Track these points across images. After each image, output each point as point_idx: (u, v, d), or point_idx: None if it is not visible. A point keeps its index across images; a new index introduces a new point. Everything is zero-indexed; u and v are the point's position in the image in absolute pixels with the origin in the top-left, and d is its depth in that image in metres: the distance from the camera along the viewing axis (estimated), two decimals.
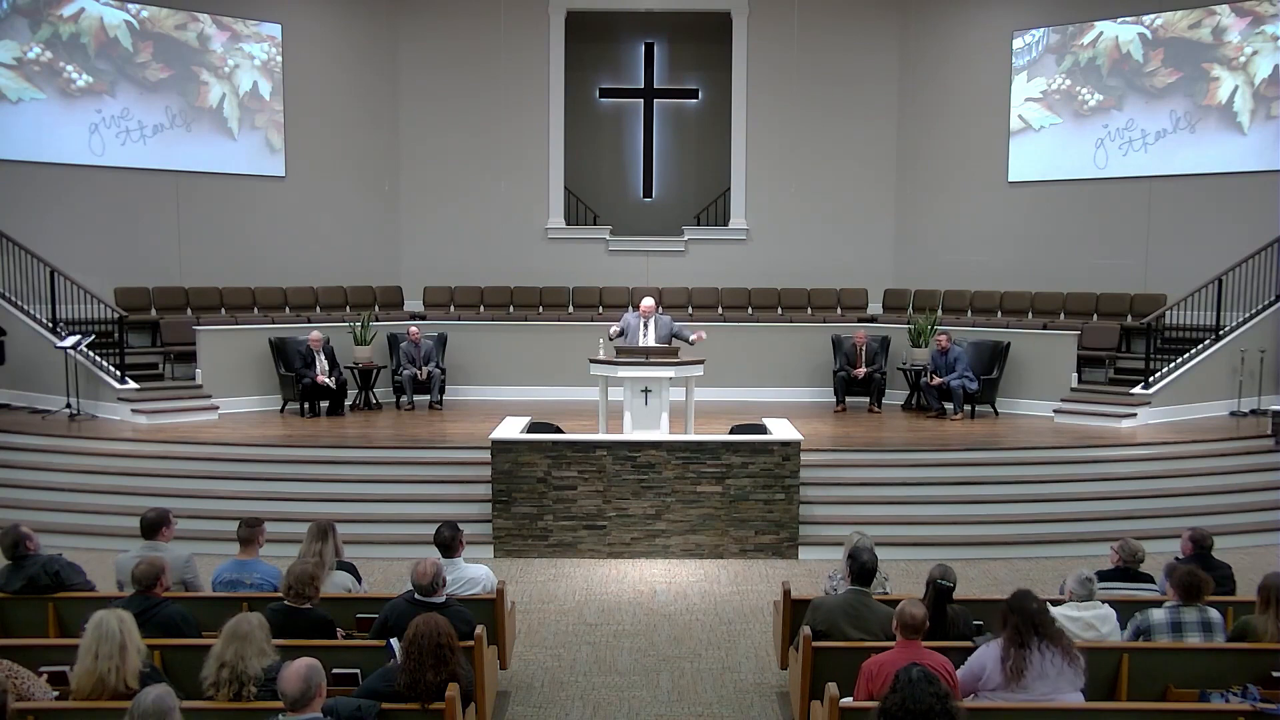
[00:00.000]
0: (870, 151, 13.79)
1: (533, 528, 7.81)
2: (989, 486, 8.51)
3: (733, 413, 10.42)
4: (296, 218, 12.97)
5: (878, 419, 11.07)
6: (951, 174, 13.35)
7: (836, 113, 13.75)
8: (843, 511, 8.15)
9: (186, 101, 12.39)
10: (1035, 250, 12.69)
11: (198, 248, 12.36)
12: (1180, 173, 11.93)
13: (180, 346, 11.13)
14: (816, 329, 12.56)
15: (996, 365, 11.19)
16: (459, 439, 9.38)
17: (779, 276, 13.69)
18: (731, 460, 7.81)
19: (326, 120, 13.25)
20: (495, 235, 13.80)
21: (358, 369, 11.44)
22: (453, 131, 13.75)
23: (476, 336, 12.55)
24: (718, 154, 14.49)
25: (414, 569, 4.48)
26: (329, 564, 5.01)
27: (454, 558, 5.13)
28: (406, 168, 13.81)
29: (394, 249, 13.76)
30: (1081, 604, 4.52)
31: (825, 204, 13.80)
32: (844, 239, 13.81)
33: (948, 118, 13.39)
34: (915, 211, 13.67)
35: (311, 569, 4.47)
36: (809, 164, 13.79)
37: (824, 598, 4.82)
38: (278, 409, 11.19)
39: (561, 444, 7.90)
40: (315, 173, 13.13)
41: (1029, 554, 7.83)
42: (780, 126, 13.79)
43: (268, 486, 8.35)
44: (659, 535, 7.82)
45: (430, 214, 13.84)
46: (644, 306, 9.06)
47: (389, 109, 13.69)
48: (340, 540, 5.21)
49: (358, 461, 8.77)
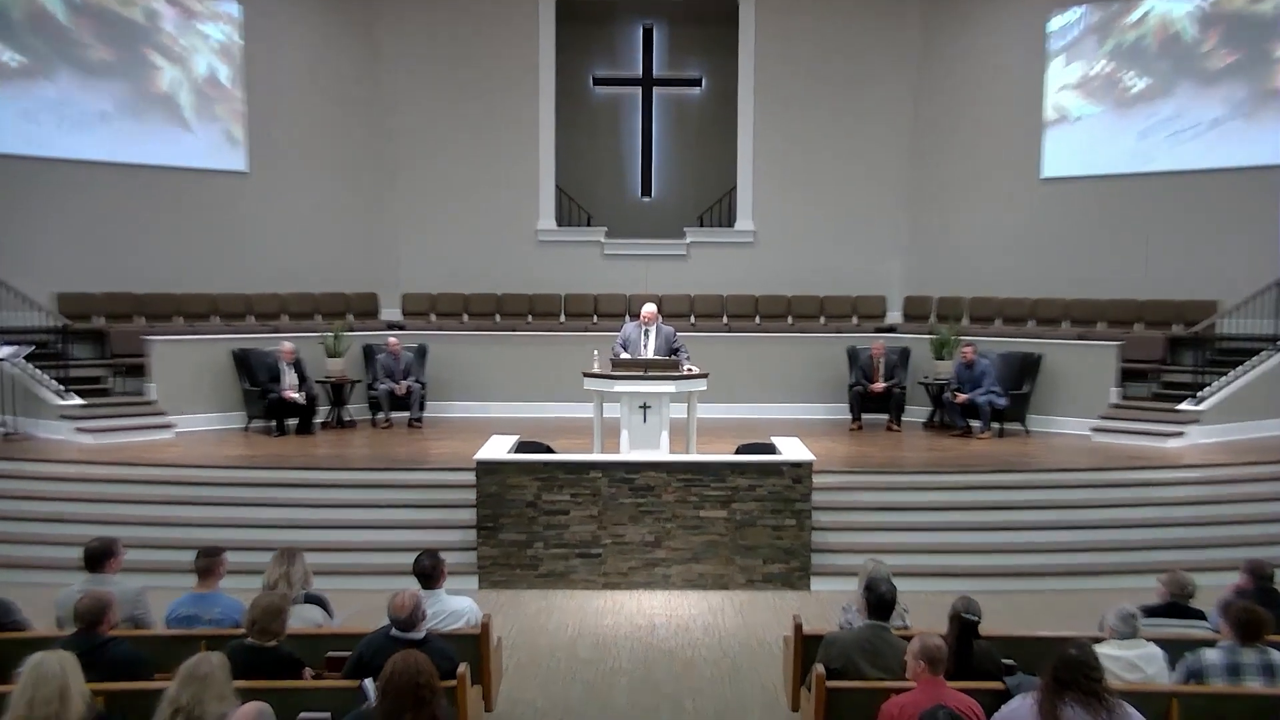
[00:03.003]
0: (890, 145, 13.81)
1: (521, 556, 7.79)
2: (1019, 512, 8.48)
3: (739, 431, 10.41)
4: (261, 217, 12.85)
5: (897, 438, 11.05)
6: (980, 170, 13.34)
7: (853, 103, 13.78)
8: (859, 539, 8.13)
9: (135, 88, 12.03)
10: (1071, 253, 12.59)
11: (150, 250, 12.05)
12: (1236, 165, 11.70)
13: (130, 358, 11.02)
14: (830, 340, 12.57)
15: (1027, 379, 11.18)
16: (441, 459, 9.37)
17: (789, 283, 13.70)
18: (738, 483, 7.80)
19: (293, 111, 13.12)
20: (480, 237, 13.79)
21: (330, 383, 11.43)
22: (434, 123, 13.77)
23: (460, 348, 12.53)
24: (723, 149, 14.49)
25: (391, 601, 4.46)
26: (296, 596, 4.99)
27: (435, 589, 5.12)
28: (383, 163, 13.79)
29: (370, 252, 13.71)
30: (1124, 642, 4.47)
31: (840, 203, 13.82)
32: (860, 241, 13.81)
33: (975, 107, 13.38)
34: (939, 211, 13.66)
35: (278, 602, 4.45)
36: (823, 159, 13.81)
37: (838, 632, 4.81)
38: (240, 427, 11.16)
39: (553, 465, 7.89)
40: (281, 168, 13.02)
41: (1063, 586, 7.79)
42: (791, 118, 13.82)
43: (229, 512, 8.30)
44: (659, 564, 7.80)
45: (409, 214, 13.83)
46: (645, 313, 9.06)
47: (363, 98, 13.66)
48: (308, 569, 5.18)
49: (329, 484, 8.72)
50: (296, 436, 10.72)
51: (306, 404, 10.82)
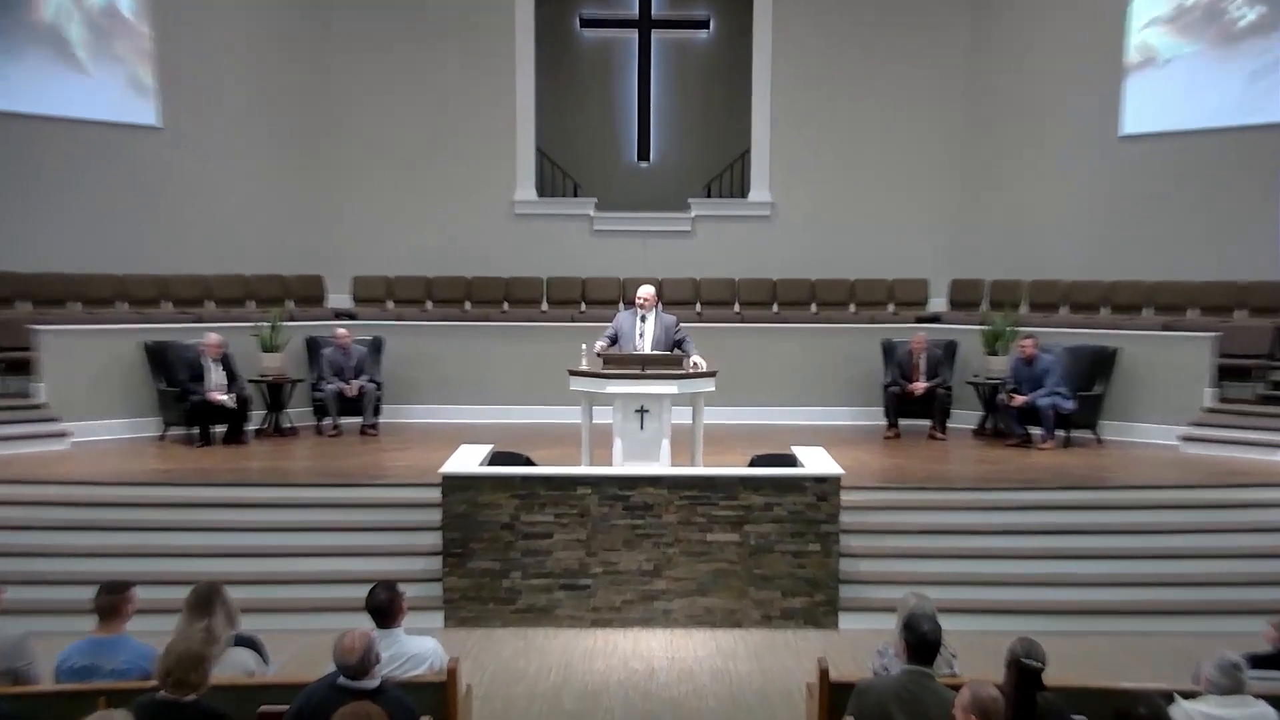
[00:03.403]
0: (937, 97, 13.82)
1: (495, 588, 7.80)
2: (1091, 537, 8.46)
3: (753, 439, 10.41)
4: (178, 183, 12.77)
5: (941, 448, 11.08)
6: (1043, 127, 13.28)
7: (892, 48, 13.80)
8: (896, 567, 8.14)
9: (11, 18, 11.72)
10: (1156, 226, 12.45)
11: (37, 220, 11.91)
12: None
13: (13, 352, 10.93)
14: (861, 332, 12.58)
15: (1100, 378, 11.18)
16: (399, 473, 9.38)
17: (813, 264, 13.71)
18: (752, 500, 7.81)
19: (216, 51, 12.98)
20: (447, 210, 13.82)
21: (265, 383, 11.42)
22: (390, 72, 13.77)
23: (422, 341, 12.55)
24: (735, 105, 14.51)
25: (338, 643, 4.41)
26: (222, 639, 4.95)
27: (392, 628, 5.09)
28: (329, 119, 13.78)
29: (314, 227, 13.69)
30: (1226, 698, 4.42)
31: (875, 168, 13.84)
32: (899, 214, 13.82)
33: (1039, 52, 13.32)
34: (993, 178, 13.66)
35: (198, 647, 4.39)
36: (854, 117, 13.83)
37: (873, 680, 4.80)
38: (155, 436, 11.11)
39: (533, 480, 7.90)
40: (202, 123, 12.91)
41: (1147, 627, 7.76)
42: (817, 67, 13.84)
43: (138, 539, 8.24)
44: (658, 597, 7.81)
45: (362, 182, 13.83)
46: (641, 297, 9.05)
47: (305, 37, 13.61)
48: (235, 607, 5.14)
49: (264, 504, 8.67)
50: (224, 447, 10.68)
51: (236, 408, 10.78)
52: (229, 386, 10.80)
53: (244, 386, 10.99)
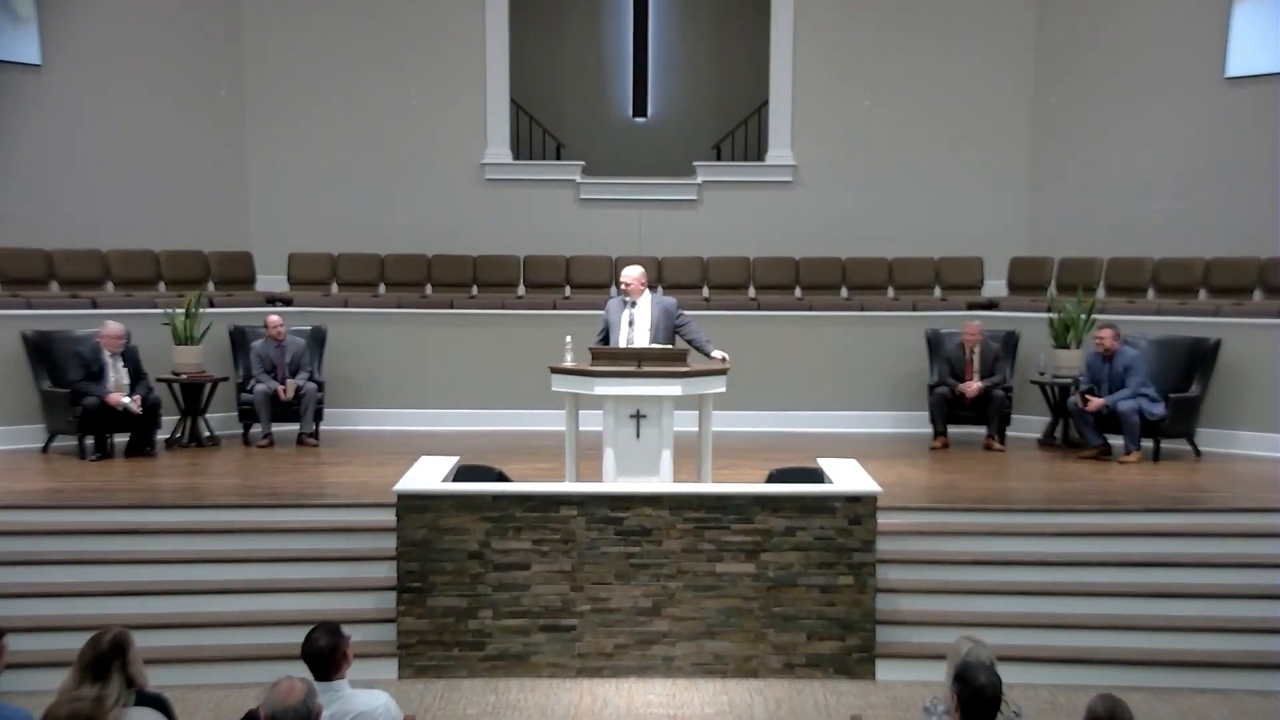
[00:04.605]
0: (997, 35, 13.79)
1: (461, 630, 7.79)
2: (1185, 571, 8.40)
3: (772, 450, 10.46)
4: (66, 136, 12.69)
5: (999, 460, 11.07)
6: (1128, 71, 13.20)
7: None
8: (945, 605, 8.14)
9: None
10: (1267, 189, 12.25)
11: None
12: None
13: None
14: (903, 321, 12.63)
15: (1198, 377, 11.15)
16: (345, 492, 9.37)
17: (844, 240, 13.68)
18: (770, 524, 7.79)
19: None
20: (403, 175, 13.82)
21: (179, 382, 11.36)
22: (333, 8, 13.73)
23: (373, 332, 12.58)
24: (749, 50, 14.53)
25: (271, 692, 4.35)
26: (120, 698, 4.87)
27: (334, 680, 5.01)
28: (256, 60, 13.74)
29: (238, 194, 13.70)
30: None
31: (919, 124, 13.84)
32: (948, 179, 13.82)
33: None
34: (1066, 132, 13.61)
35: (88, 708, 4.34)
36: (894, 61, 13.84)
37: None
38: (37, 446, 11.08)
39: (507, 499, 7.88)
40: (95, 63, 12.83)
41: (1258, 684, 7.68)
42: (848, 5, 13.85)
43: (16, 575, 8.14)
44: (658, 641, 7.79)
45: (298, 139, 13.79)
46: (625, 280, 9.04)
47: None
48: (140, 660, 5.06)
49: (177, 530, 8.64)
50: (126, 460, 10.63)
51: (142, 413, 10.70)
52: (132, 387, 10.72)
53: (151, 387, 10.93)
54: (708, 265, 13.61)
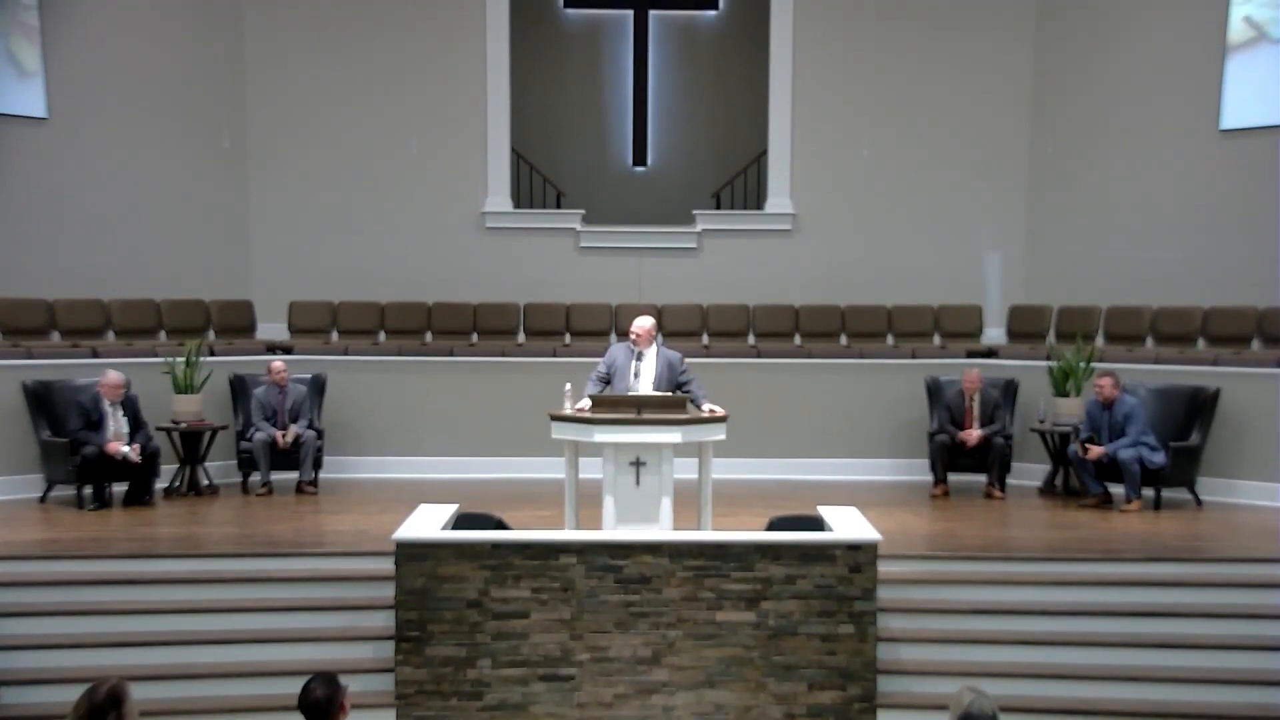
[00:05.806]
0: (996, 85, 13.84)
1: (459, 680, 7.75)
2: (1190, 621, 8.35)
3: (772, 498, 10.46)
4: (69, 187, 12.70)
5: (1000, 509, 11.04)
6: (1128, 119, 13.21)
7: (937, 31, 13.84)
8: (947, 655, 8.10)
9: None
10: (1263, 239, 12.28)
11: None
12: None
13: None
14: (902, 369, 12.62)
15: (1198, 425, 11.11)
16: (343, 540, 9.37)
17: (843, 287, 13.71)
18: (771, 572, 7.78)
19: (117, 28, 12.94)
20: (402, 224, 13.84)
21: (179, 431, 11.33)
22: (335, 57, 13.80)
23: (373, 379, 12.58)
24: (749, 99, 14.58)
25: None
26: None
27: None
28: (259, 112, 13.80)
29: (240, 243, 13.71)
30: None
31: (918, 173, 13.87)
32: (946, 228, 13.85)
33: (1118, 32, 13.33)
34: (1061, 184, 13.64)
35: None
36: (893, 111, 13.88)
37: None
38: (35, 497, 11.03)
39: (506, 547, 7.86)
40: (100, 114, 12.87)
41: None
42: (846, 55, 13.90)
43: (13, 627, 8.08)
44: (658, 690, 7.75)
45: (299, 189, 13.82)
46: (637, 331, 9.11)
47: (228, 19, 13.66)
48: (136, 712, 5.00)
49: (175, 579, 8.60)
50: (125, 510, 10.58)
51: (141, 462, 10.66)
52: (131, 436, 10.69)
53: (151, 435, 10.90)
54: (707, 313, 13.61)
